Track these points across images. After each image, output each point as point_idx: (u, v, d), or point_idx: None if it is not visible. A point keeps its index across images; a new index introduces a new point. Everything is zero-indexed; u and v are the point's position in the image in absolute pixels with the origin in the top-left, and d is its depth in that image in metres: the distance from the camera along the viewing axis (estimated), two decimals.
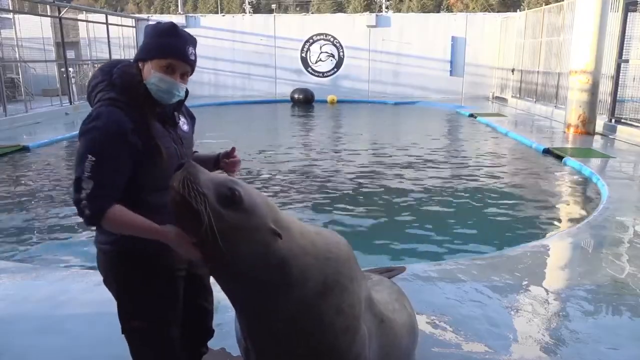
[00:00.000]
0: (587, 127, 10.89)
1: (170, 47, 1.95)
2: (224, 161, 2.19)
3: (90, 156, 1.81)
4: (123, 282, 2.04)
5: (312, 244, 1.83)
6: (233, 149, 2.20)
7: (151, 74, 1.94)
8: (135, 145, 1.88)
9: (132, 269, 2.01)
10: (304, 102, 19.73)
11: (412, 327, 2.50)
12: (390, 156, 9.67)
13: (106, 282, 2.11)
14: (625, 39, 10.82)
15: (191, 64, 2.02)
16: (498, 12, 30.58)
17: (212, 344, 2.93)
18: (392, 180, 7.76)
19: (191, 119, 2.26)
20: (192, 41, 2.04)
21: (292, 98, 19.97)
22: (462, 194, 7.05)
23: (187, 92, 2.08)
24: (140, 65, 1.98)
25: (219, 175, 1.85)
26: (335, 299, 1.82)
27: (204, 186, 1.61)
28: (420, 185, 7.49)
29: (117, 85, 1.94)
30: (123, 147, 1.86)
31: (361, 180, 7.71)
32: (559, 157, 8.83)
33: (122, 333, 2.10)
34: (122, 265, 2.01)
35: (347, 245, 2.01)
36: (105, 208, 1.85)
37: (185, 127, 2.15)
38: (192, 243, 1.73)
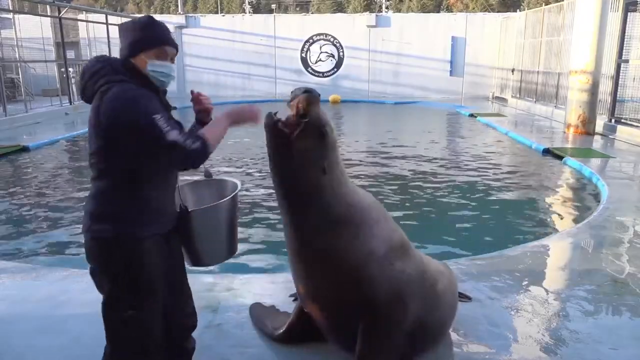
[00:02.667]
0: (587, 127, 10.89)
1: (161, 36, 2.17)
2: (197, 101, 2.40)
3: (155, 116, 1.99)
4: (119, 267, 2.09)
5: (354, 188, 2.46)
6: (192, 92, 2.41)
7: (147, 63, 2.12)
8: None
9: (128, 254, 2.08)
10: None
11: (454, 297, 2.86)
12: (390, 156, 9.66)
13: (100, 271, 2.12)
14: (625, 39, 10.82)
15: (177, 47, 2.24)
16: (498, 12, 30.57)
17: (211, 343, 2.94)
18: (391, 180, 7.76)
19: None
20: (167, 28, 2.26)
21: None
22: (462, 194, 7.05)
23: None
24: (131, 60, 2.12)
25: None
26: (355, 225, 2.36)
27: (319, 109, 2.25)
28: (420, 185, 7.49)
29: (122, 69, 2.10)
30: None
31: (359, 180, 7.71)
32: (559, 157, 8.83)
33: (108, 323, 2.14)
34: (118, 250, 2.07)
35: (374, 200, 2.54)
36: (200, 136, 2.08)
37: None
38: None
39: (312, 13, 50.61)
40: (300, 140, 2.20)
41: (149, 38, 2.14)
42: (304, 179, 2.25)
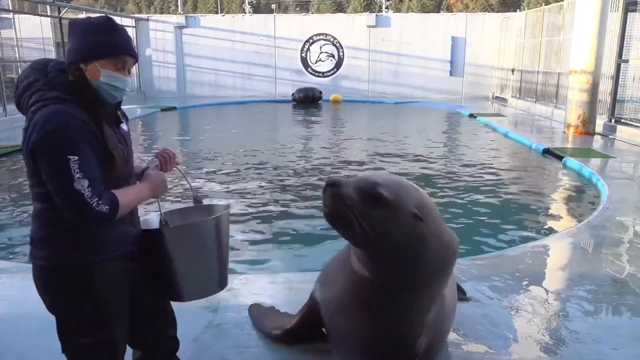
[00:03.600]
0: (587, 127, 10.89)
1: (124, 43, 1.89)
2: (161, 156, 2.18)
3: (71, 157, 1.73)
4: (68, 297, 1.92)
5: (442, 230, 2.07)
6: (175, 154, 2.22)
7: (101, 73, 1.85)
8: (96, 141, 1.83)
9: (76, 282, 1.90)
10: (311, 101, 19.73)
11: (455, 306, 2.74)
12: (389, 156, 9.66)
13: (49, 299, 1.98)
14: (625, 39, 10.82)
15: (137, 58, 1.98)
16: (498, 12, 30.58)
17: (211, 343, 2.94)
18: None
19: (125, 118, 2.12)
20: (128, 34, 2.00)
21: (298, 97, 19.89)
22: (462, 194, 7.05)
23: None
24: (81, 66, 1.85)
25: (363, 179, 1.94)
26: (437, 284, 2.07)
27: (349, 198, 1.85)
28: (419, 185, 7.47)
29: (57, 84, 1.84)
30: (91, 138, 1.80)
31: None
32: (559, 157, 8.83)
33: (63, 352, 2.01)
34: (65, 279, 1.90)
35: (457, 242, 2.19)
36: (115, 196, 1.82)
37: (125, 127, 2.06)
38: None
39: (312, 13, 50.62)
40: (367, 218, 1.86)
41: (109, 44, 1.86)
42: (397, 235, 1.91)
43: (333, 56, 21.49)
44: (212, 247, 2.15)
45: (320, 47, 21.47)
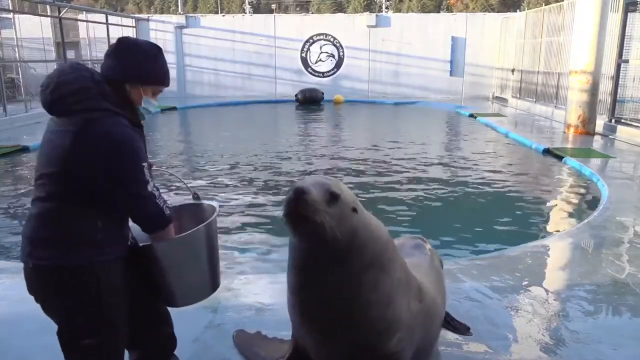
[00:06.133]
0: (587, 127, 10.89)
1: (167, 76, 2.13)
2: None
3: (144, 164, 1.95)
4: (74, 296, 1.93)
5: (371, 222, 2.20)
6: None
7: (143, 99, 2.06)
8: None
9: (83, 282, 1.92)
10: (314, 101, 19.72)
11: (443, 304, 2.76)
12: (390, 156, 9.66)
13: (47, 301, 1.98)
14: (625, 39, 10.82)
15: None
16: (498, 12, 30.57)
17: (211, 343, 2.94)
18: (392, 180, 7.76)
19: None
20: None
21: (302, 98, 19.84)
22: (462, 194, 7.05)
23: None
24: (126, 86, 2.02)
25: (313, 183, 1.99)
26: (374, 275, 2.12)
27: (318, 202, 1.92)
28: (420, 185, 7.49)
29: (110, 96, 1.96)
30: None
31: (361, 180, 7.71)
32: (559, 157, 8.83)
33: (65, 354, 2.02)
34: (72, 278, 1.91)
35: (387, 232, 2.28)
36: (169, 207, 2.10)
37: None
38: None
39: (312, 13, 50.60)
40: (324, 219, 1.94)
41: (160, 75, 2.08)
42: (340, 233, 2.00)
43: (333, 56, 21.49)
44: (202, 255, 2.18)
45: (321, 47, 21.47)
